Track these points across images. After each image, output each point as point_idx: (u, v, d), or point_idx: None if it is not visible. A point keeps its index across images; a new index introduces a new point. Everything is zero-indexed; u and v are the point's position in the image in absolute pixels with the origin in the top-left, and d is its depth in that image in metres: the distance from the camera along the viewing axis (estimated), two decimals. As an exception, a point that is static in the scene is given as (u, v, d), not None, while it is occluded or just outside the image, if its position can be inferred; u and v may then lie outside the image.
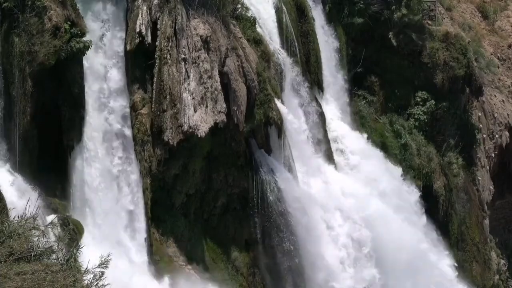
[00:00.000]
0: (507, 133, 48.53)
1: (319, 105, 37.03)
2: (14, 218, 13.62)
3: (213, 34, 30.26)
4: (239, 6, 33.01)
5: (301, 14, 37.85)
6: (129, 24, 28.65)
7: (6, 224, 13.26)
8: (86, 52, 26.45)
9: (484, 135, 46.58)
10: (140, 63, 29.16)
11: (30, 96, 25.40)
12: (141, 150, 28.84)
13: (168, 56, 29.04)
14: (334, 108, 39.49)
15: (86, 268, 12.86)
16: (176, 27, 29.36)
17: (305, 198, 33.61)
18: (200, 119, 29.24)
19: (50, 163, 26.35)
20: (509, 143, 48.77)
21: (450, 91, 43.61)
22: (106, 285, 12.67)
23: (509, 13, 53.46)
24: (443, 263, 39.71)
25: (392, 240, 36.62)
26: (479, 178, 45.78)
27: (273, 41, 35.28)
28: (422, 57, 43.16)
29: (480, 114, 46.20)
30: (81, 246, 13.92)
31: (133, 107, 28.91)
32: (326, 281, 33.87)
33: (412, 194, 40.25)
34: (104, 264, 12.81)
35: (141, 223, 28.51)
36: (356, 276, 34.89)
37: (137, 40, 28.58)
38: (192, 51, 29.56)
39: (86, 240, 25.19)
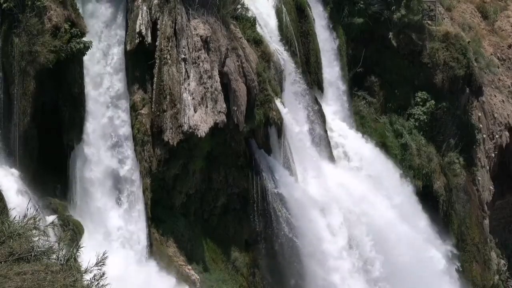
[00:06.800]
0: (507, 133, 48.53)
1: (319, 105, 37.02)
2: (14, 218, 13.62)
3: (213, 34, 30.26)
4: (239, 6, 33.01)
5: (301, 14, 37.86)
6: (129, 24, 28.66)
7: (6, 224, 13.26)
8: (86, 52, 26.46)
9: (484, 135, 46.57)
10: (140, 63, 29.17)
11: (30, 96, 25.41)
12: (141, 150, 28.85)
13: (168, 56, 29.04)
14: (334, 108, 39.49)
15: (86, 268, 12.86)
16: (176, 27, 29.36)
17: (304, 198, 33.60)
18: (200, 119, 29.24)
19: (50, 163, 26.35)
20: (509, 143, 48.76)
21: (450, 91, 43.62)
22: (106, 285, 12.67)
23: (509, 13, 53.45)
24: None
25: (394, 241, 36.66)
26: (479, 178, 45.77)
27: (273, 41, 35.28)
28: (422, 57, 43.16)
29: (480, 114, 46.19)
30: (81, 246, 13.93)
31: (133, 107, 28.92)
32: (326, 281, 33.86)
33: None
34: (101, 262, 12.82)
35: (141, 223, 28.52)
36: (356, 275, 34.88)
37: (137, 40, 28.58)
38: (192, 51, 29.57)
39: (85, 240, 25.20)
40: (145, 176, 28.89)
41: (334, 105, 39.62)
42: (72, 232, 24.92)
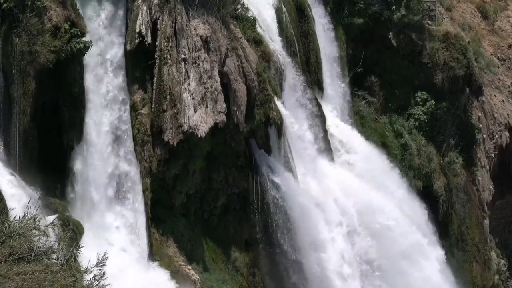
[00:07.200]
0: (507, 133, 48.54)
1: (319, 105, 37.02)
2: (14, 218, 13.63)
3: (213, 34, 30.26)
4: (239, 6, 33.01)
5: (301, 14, 37.86)
6: (129, 24, 28.66)
7: (6, 224, 13.26)
8: (86, 52, 26.45)
9: (484, 135, 46.58)
10: (140, 63, 29.16)
11: (30, 96, 25.40)
12: (141, 150, 28.85)
13: (168, 56, 29.04)
14: (334, 108, 39.49)
15: (86, 268, 12.86)
16: (176, 27, 29.36)
17: (305, 198, 33.60)
18: (200, 119, 29.24)
19: (50, 163, 26.35)
20: (509, 143, 48.77)
21: (450, 91, 43.63)
22: (106, 285, 12.68)
23: (509, 13, 53.46)
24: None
25: (392, 240, 36.64)
26: (479, 178, 45.78)
27: (273, 41, 35.27)
28: (422, 57, 43.16)
29: (480, 114, 46.21)
30: (81, 246, 13.94)
31: (133, 107, 28.92)
32: (326, 281, 33.86)
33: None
34: (101, 262, 12.82)
35: (141, 223, 28.51)
36: (356, 274, 34.87)
37: (137, 40, 28.58)
38: (192, 51, 29.57)
39: (86, 240, 25.18)
40: (145, 176, 28.88)
41: (334, 105, 39.62)
42: (72, 232, 24.91)
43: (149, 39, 28.74)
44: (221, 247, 31.71)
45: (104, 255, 12.80)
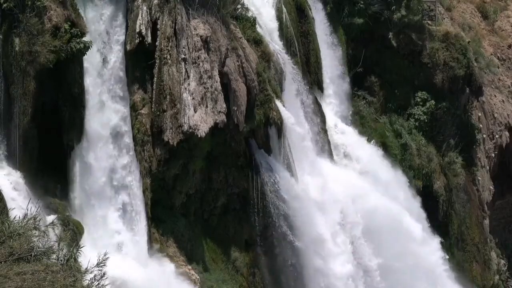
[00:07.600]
0: (507, 133, 48.55)
1: (319, 105, 37.04)
2: (14, 218, 13.63)
3: (213, 34, 30.27)
4: (239, 6, 33.02)
5: (301, 14, 37.88)
6: (129, 24, 28.66)
7: (6, 224, 13.27)
8: (86, 52, 26.44)
9: (484, 135, 46.60)
10: (140, 63, 29.16)
11: (30, 96, 25.39)
12: (141, 150, 28.85)
13: (168, 56, 29.04)
14: (334, 108, 39.49)
15: (86, 268, 12.87)
16: (176, 27, 29.36)
17: (304, 198, 33.59)
18: (200, 119, 29.24)
19: (50, 163, 26.35)
20: (509, 143, 48.79)
21: (450, 91, 43.64)
22: (106, 285, 12.69)
23: (509, 13, 53.48)
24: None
25: (392, 240, 36.67)
26: (479, 178, 45.79)
27: (273, 41, 35.29)
28: (422, 57, 43.18)
29: (480, 114, 46.22)
30: (81, 247, 13.95)
31: (133, 107, 28.92)
32: (326, 281, 33.85)
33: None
34: (102, 263, 12.83)
35: (141, 223, 28.50)
36: (355, 274, 34.87)
37: (137, 40, 28.58)
38: (192, 51, 29.57)
39: (86, 241, 25.19)
40: (145, 176, 28.89)
41: (334, 105, 39.62)
42: (72, 232, 24.91)
43: (149, 39, 28.75)
44: (221, 247, 31.72)
45: (104, 255, 12.81)
